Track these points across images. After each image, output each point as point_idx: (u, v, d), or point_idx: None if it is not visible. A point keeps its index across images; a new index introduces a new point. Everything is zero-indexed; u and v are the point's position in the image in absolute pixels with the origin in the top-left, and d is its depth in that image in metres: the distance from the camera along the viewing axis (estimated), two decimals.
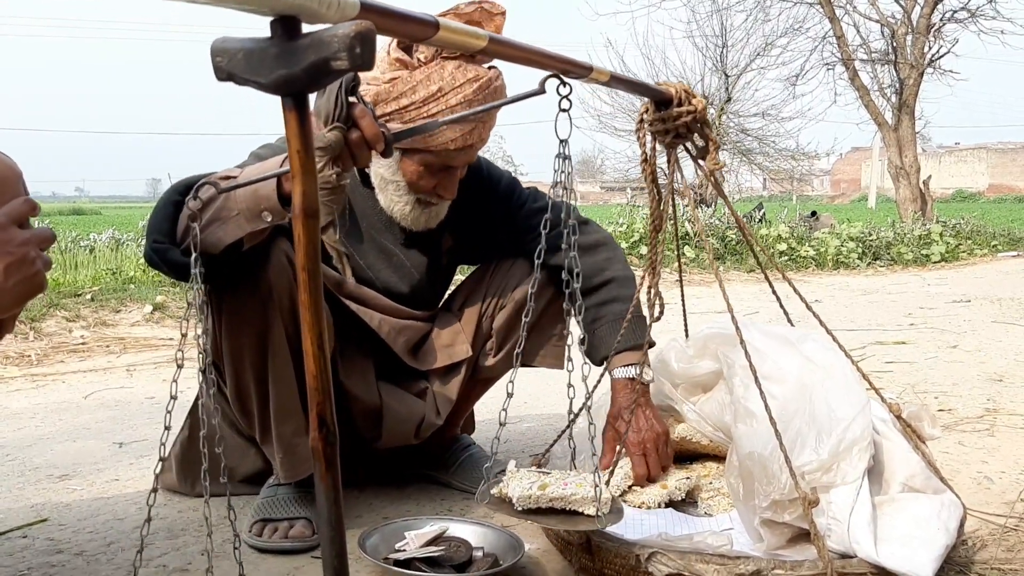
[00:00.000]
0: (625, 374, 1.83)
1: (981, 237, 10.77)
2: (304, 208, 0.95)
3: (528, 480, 1.41)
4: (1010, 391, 3.12)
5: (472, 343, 2.02)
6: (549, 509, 1.40)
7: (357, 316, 1.87)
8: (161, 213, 1.56)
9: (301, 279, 0.96)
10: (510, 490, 1.41)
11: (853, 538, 1.47)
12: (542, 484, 1.40)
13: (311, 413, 0.99)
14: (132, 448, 2.43)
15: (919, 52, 12.34)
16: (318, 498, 1.00)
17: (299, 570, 1.64)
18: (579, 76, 1.31)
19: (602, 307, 1.91)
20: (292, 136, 0.93)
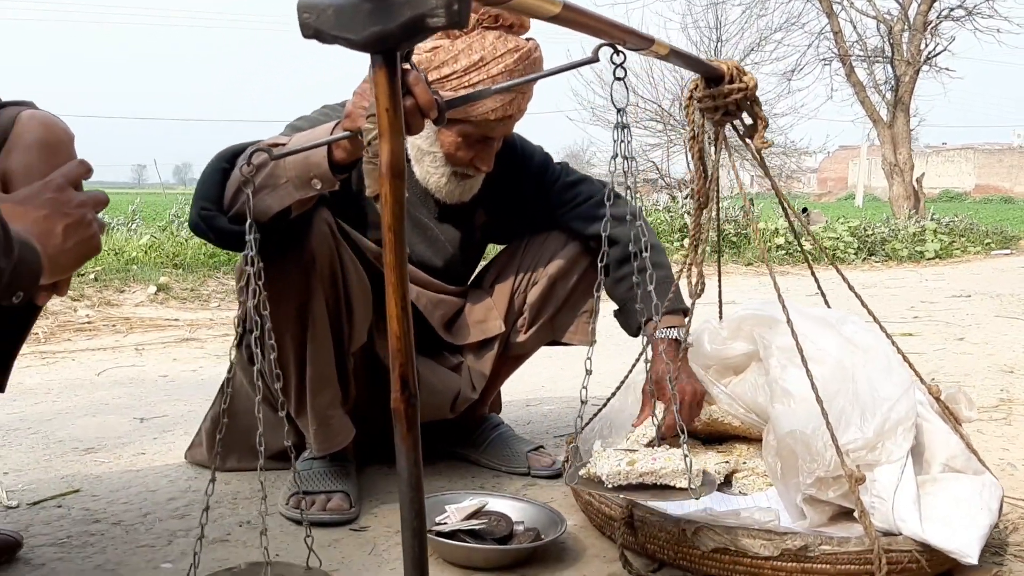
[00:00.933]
0: (668, 335, 1.82)
1: (974, 235, 10.84)
2: (392, 167, 0.94)
3: (616, 458, 1.41)
4: (1023, 382, 3.14)
5: (504, 319, 2.01)
6: (640, 485, 1.39)
7: None
8: (209, 180, 1.55)
9: (387, 239, 0.96)
10: (598, 468, 1.41)
11: (898, 516, 1.48)
12: (631, 460, 1.40)
13: (393, 374, 0.99)
14: (153, 423, 2.41)
15: (915, 49, 12.39)
16: (399, 459, 1.00)
17: (339, 542, 1.63)
18: (639, 48, 1.30)
19: (640, 273, 1.89)
20: (382, 94, 0.93)
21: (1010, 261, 9.33)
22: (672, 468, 1.38)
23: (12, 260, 1.05)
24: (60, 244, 1.16)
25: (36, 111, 1.31)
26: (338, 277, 1.70)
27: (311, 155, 1.43)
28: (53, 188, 1.18)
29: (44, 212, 1.16)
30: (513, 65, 1.70)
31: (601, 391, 2.85)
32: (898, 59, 12.40)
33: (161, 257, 5.53)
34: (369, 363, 1.88)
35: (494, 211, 2.03)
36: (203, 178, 1.57)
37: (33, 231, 1.13)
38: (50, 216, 1.16)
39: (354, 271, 1.74)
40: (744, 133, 1.60)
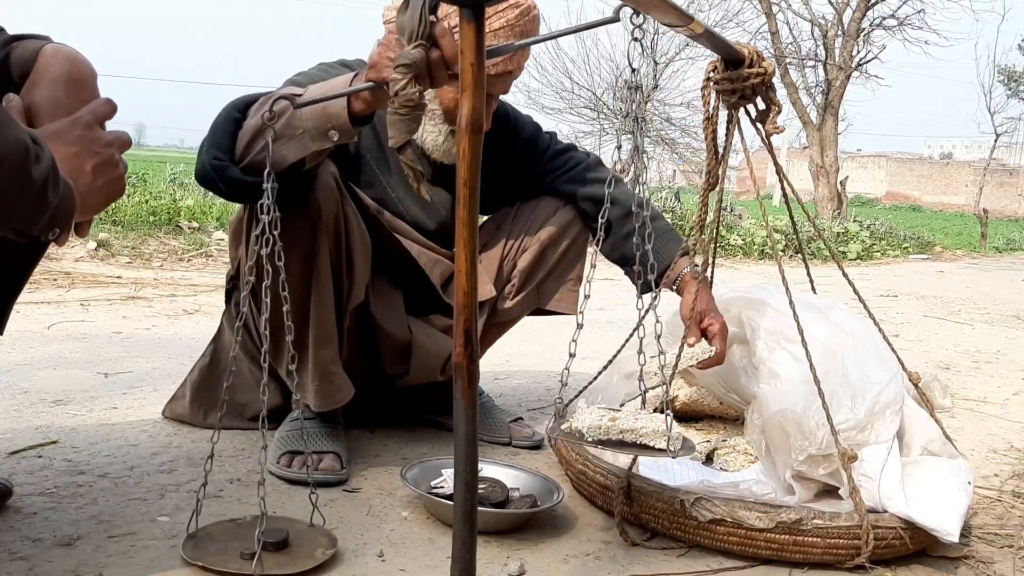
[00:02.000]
0: (694, 271, 1.86)
1: (893, 239, 11.23)
2: (472, 123, 0.95)
3: (598, 415, 1.44)
4: (959, 378, 3.29)
5: (494, 284, 2.02)
6: (619, 442, 1.42)
7: (388, 247, 1.85)
8: (220, 129, 1.52)
9: (462, 194, 0.96)
10: (580, 423, 1.43)
11: (884, 494, 1.55)
12: (612, 417, 1.42)
13: (457, 329, 0.99)
14: (119, 379, 2.35)
15: (848, 55, 12.75)
16: (456, 413, 1.00)
17: (334, 502, 1.62)
18: (675, 25, 1.33)
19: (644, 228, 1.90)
20: (468, 48, 0.93)
21: (928, 265, 9.71)
22: (652, 428, 1.41)
23: (59, 194, 1.03)
24: (90, 183, 1.13)
25: (60, 45, 1.27)
26: (342, 232, 1.69)
27: (329, 106, 1.41)
28: (82, 125, 1.14)
29: (74, 149, 1.13)
30: (515, 20, 1.71)
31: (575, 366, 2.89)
32: (831, 63, 12.74)
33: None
34: (361, 322, 1.86)
35: (485, 180, 2.02)
36: (214, 127, 1.53)
37: (64, 168, 1.09)
38: (80, 154, 1.13)
39: (357, 227, 1.72)
40: (756, 117, 1.64)
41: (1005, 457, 2.34)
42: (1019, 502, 1.95)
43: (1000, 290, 7.09)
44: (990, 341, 4.26)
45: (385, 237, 1.83)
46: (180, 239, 5.17)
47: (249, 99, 1.56)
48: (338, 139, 1.44)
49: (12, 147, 0.91)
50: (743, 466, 1.85)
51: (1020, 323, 5.08)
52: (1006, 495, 2.00)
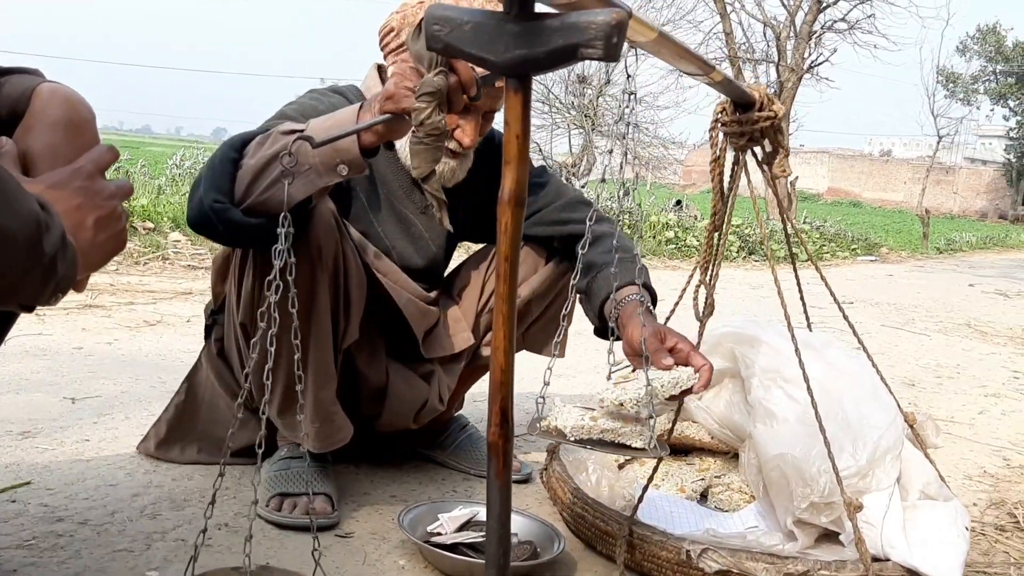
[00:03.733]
0: (640, 299, 1.69)
1: (842, 240, 11.43)
2: (515, 196, 0.91)
3: (578, 413, 1.41)
4: (924, 396, 3.33)
5: (472, 330, 1.98)
6: (599, 440, 1.39)
7: (375, 290, 1.79)
8: (219, 171, 1.45)
9: (502, 269, 0.92)
10: (560, 421, 1.40)
11: (886, 542, 1.54)
12: (593, 416, 1.40)
13: (492, 408, 0.96)
14: (87, 404, 2.26)
15: (799, 57, 12.90)
16: (490, 494, 0.97)
17: (328, 549, 1.57)
18: (695, 75, 1.30)
19: (605, 255, 1.84)
20: (513, 120, 0.89)
21: (877, 268, 9.89)
22: (631, 428, 1.38)
23: (67, 262, 0.96)
24: (91, 239, 1.06)
25: (56, 85, 1.19)
26: (340, 270, 1.63)
27: (339, 140, 1.36)
28: (84, 176, 1.07)
29: (76, 202, 1.05)
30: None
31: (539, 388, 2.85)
32: (783, 65, 12.88)
33: None
34: (345, 359, 1.81)
35: (473, 207, 1.97)
36: (211, 169, 1.46)
37: (66, 224, 1.03)
38: (82, 207, 1.06)
39: (354, 265, 1.67)
40: (763, 159, 1.61)
41: (980, 484, 2.37)
42: (1002, 536, 1.97)
43: (949, 296, 7.25)
44: (948, 354, 4.33)
45: (373, 281, 1.78)
46: (135, 240, 5.02)
47: (246, 137, 1.50)
48: (347, 173, 1.38)
49: (24, 223, 0.84)
50: (739, 505, 1.84)
51: (972, 332, 5.19)
52: (988, 528, 2.02)
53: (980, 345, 4.70)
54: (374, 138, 1.35)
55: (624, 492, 1.78)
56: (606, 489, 1.77)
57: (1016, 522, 2.06)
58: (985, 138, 47.98)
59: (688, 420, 2.00)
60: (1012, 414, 3.16)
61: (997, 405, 3.29)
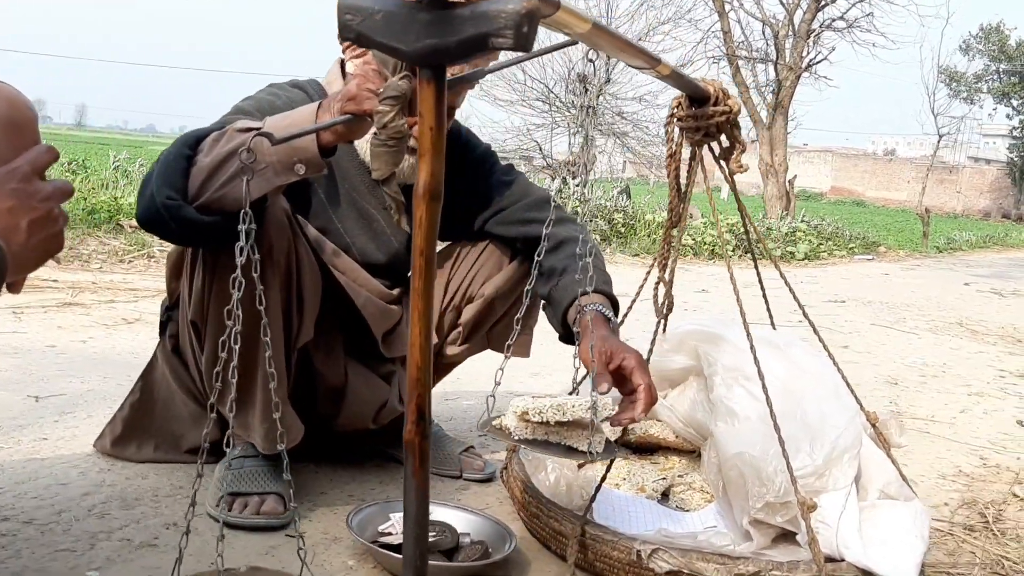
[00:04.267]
0: (599, 308, 1.70)
1: (840, 239, 11.38)
2: (430, 190, 0.89)
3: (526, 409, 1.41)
4: (907, 395, 3.31)
5: (437, 330, 1.96)
6: (544, 442, 1.40)
7: (334, 288, 1.77)
8: (172, 168, 1.43)
9: (417, 263, 0.90)
10: (508, 420, 1.41)
11: (842, 543, 1.52)
12: (539, 414, 1.39)
13: (409, 405, 0.93)
14: (51, 403, 2.24)
15: (798, 56, 12.87)
16: (406, 495, 0.95)
17: (277, 549, 1.55)
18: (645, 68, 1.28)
19: (567, 260, 1.82)
20: (427, 111, 0.87)
21: (873, 267, 9.85)
22: (577, 432, 1.38)
23: None
24: (24, 241, 1.04)
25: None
26: (293, 270, 1.62)
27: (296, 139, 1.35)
28: (19, 177, 1.05)
29: (9, 204, 1.03)
30: None
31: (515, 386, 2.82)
32: (781, 63, 12.84)
33: None
34: (301, 358, 1.79)
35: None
36: (164, 165, 1.44)
37: None
38: (15, 209, 1.04)
39: (308, 265, 1.65)
40: (720, 155, 1.60)
41: (954, 483, 2.34)
42: (970, 536, 1.95)
43: (944, 295, 7.21)
44: (936, 352, 4.30)
45: (331, 278, 1.76)
46: (121, 239, 5.00)
47: (200, 134, 1.48)
48: (305, 172, 1.37)
49: None
50: (700, 505, 1.82)
51: (963, 331, 5.15)
52: (957, 527, 2.00)
53: (969, 344, 4.66)
54: (333, 138, 1.34)
55: (583, 491, 1.75)
56: (564, 488, 1.75)
57: (986, 522, 2.04)
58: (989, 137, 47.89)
59: (653, 419, 1.98)
60: (994, 413, 3.14)
61: (980, 404, 3.26)
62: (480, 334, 1.98)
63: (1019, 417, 3.09)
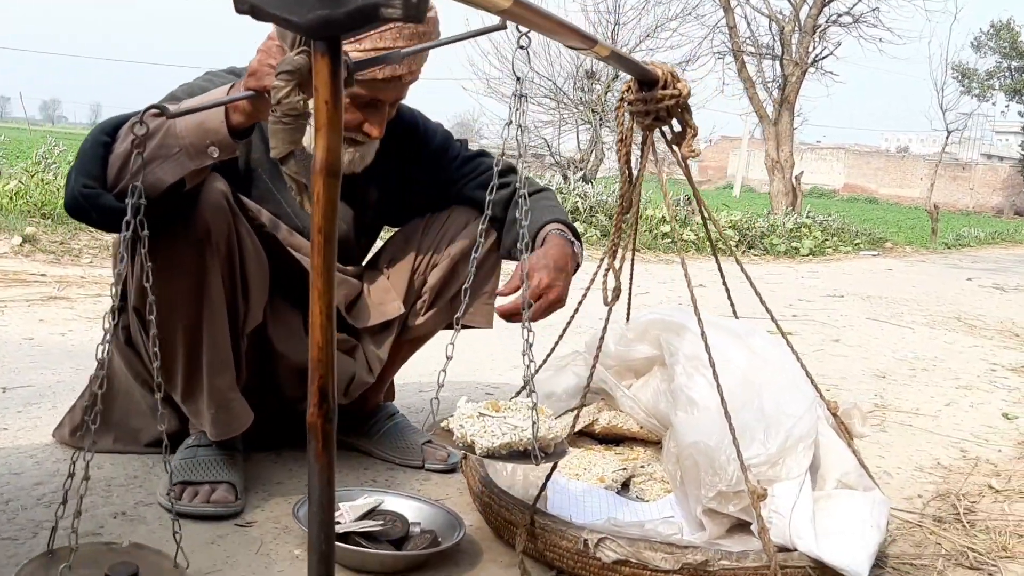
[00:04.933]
0: (563, 235, 1.77)
1: (845, 235, 11.32)
2: (327, 165, 0.87)
3: (472, 413, 1.39)
4: (894, 388, 3.27)
5: (403, 300, 1.94)
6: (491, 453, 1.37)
7: (287, 265, 1.75)
8: (89, 155, 1.42)
9: (316, 241, 0.88)
10: (453, 423, 1.39)
11: (794, 532, 1.50)
12: (483, 419, 1.37)
13: (311, 387, 0.91)
14: (18, 394, 2.24)
15: (804, 51, 12.79)
16: (311, 478, 0.93)
17: (224, 538, 1.54)
18: (582, 48, 1.26)
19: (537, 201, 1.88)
20: (322, 85, 0.85)
21: (878, 262, 9.78)
22: (519, 438, 1.34)
23: None
24: None
25: None
26: (235, 252, 1.60)
27: (207, 120, 1.33)
28: None
29: None
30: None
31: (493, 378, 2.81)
32: (787, 59, 12.77)
33: (28, 205, 5.16)
34: (257, 344, 1.78)
35: (390, 190, 1.94)
36: (82, 153, 1.43)
37: None
38: None
39: (251, 246, 1.63)
40: (672, 140, 1.57)
41: (931, 475, 2.31)
42: (939, 528, 1.92)
43: (945, 290, 7.15)
44: (929, 346, 4.26)
45: (283, 255, 1.74)
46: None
47: (118, 121, 1.47)
48: (219, 155, 1.35)
49: None
50: (659, 495, 1.80)
51: (960, 325, 5.11)
52: (927, 519, 1.97)
53: (964, 338, 4.62)
54: (243, 118, 1.32)
55: (539, 482, 1.74)
56: (520, 478, 1.74)
57: (957, 514, 2.01)
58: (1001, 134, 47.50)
59: (616, 410, 1.96)
60: (980, 406, 3.10)
61: (967, 397, 3.23)
62: (443, 301, 1.95)
63: (1005, 410, 3.05)
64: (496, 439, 1.34)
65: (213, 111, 1.30)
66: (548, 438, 1.35)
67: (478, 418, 1.40)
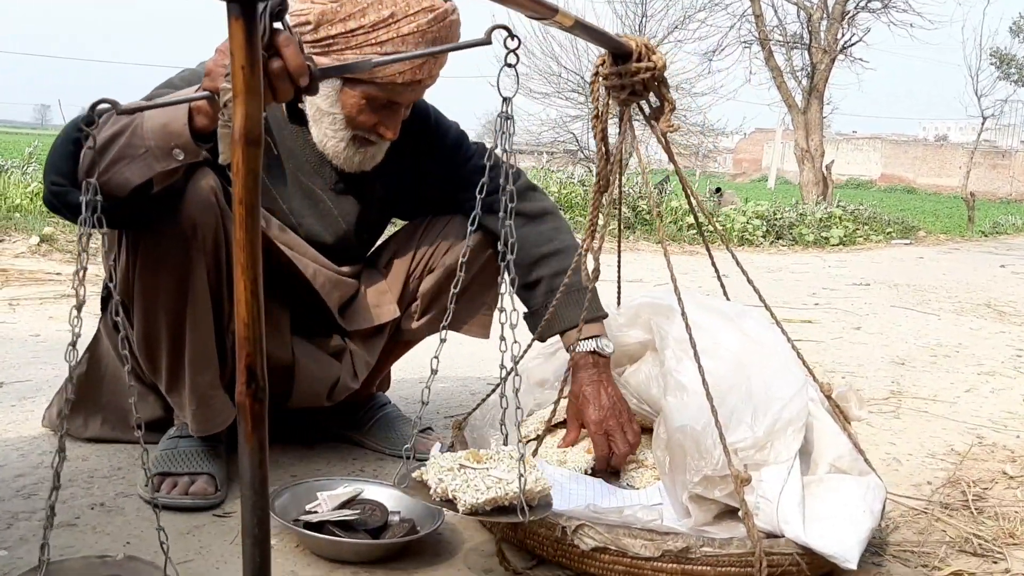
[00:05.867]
0: (588, 347, 1.75)
1: (877, 224, 11.13)
2: (246, 133, 0.84)
3: (450, 465, 1.32)
4: (912, 375, 3.19)
5: (398, 303, 1.91)
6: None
7: (277, 262, 1.74)
8: (59, 152, 1.40)
9: (238, 213, 0.85)
10: (428, 474, 1.32)
11: (782, 518, 1.45)
12: (463, 469, 1.31)
13: (239, 364, 0.89)
14: (13, 388, 2.24)
15: (832, 38, 12.60)
16: (241, 460, 0.90)
17: (200, 529, 1.52)
18: (542, 18, 1.21)
19: (555, 278, 1.80)
20: (237, 49, 0.82)
21: (909, 251, 9.61)
22: (503, 492, 1.27)
23: None
24: None
25: None
26: (221, 249, 1.57)
27: (171, 122, 1.29)
28: None
29: None
30: (427, 25, 1.57)
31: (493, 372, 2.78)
32: (815, 47, 12.59)
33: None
34: None
35: (397, 186, 1.90)
36: (53, 150, 1.42)
37: None
38: None
39: None
40: (650, 115, 1.52)
41: (942, 462, 2.24)
42: (945, 514, 1.86)
43: (976, 277, 7.00)
44: (953, 333, 4.16)
45: (272, 251, 1.72)
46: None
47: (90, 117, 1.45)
48: (184, 158, 1.31)
49: None
50: (649, 482, 1.75)
51: (989, 311, 4.99)
52: (934, 506, 1.91)
53: (992, 324, 4.50)
54: (206, 121, 1.27)
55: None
56: None
57: (965, 501, 1.94)
58: None
59: None
60: (1001, 392, 3.01)
61: (988, 383, 3.13)
62: (439, 307, 1.92)
63: None
64: (481, 494, 1.26)
65: (177, 113, 1.27)
66: (535, 491, 1.29)
67: (459, 470, 1.31)
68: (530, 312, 1.86)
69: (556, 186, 8.96)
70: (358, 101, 1.64)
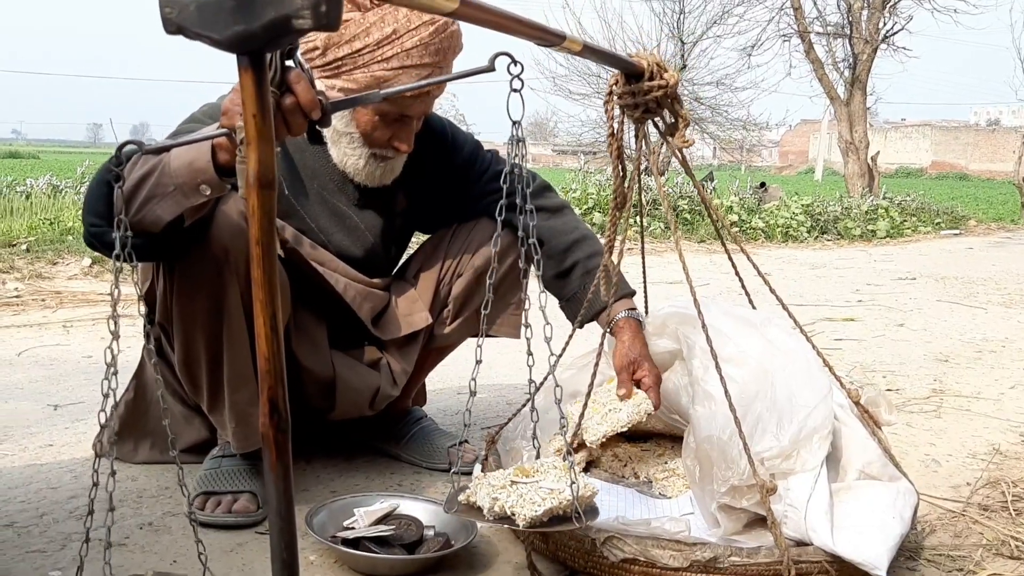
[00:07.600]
0: (625, 315, 1.82)
1: (925, 214, 10.95)
2: (259, 178, 0.88)
3: (501, 481, 1.36)
4: (955, 372, 3.16)
5: (430, 310, 1.96)
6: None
7: (310, 279, 1.80)
8: (94, 194, 1.48)
9: (255, 253, 0.90)
10: (478, 496, 1.36)
11: (810, 526, 1.46)
12: (514, 487, 1.35)
13: (262, 397, 0.93)
14: (68, 411, 2.33)
15: (873, 27, 12.42)
16: (268, 488, 0.95)
17: (243, 546, 1.58)
18: (550, 45, 1.24)
19: (590, 260, 1.90)
20: (248, 99, 0.86)
21: (958, 242, 9.44)
22: (555, 503, 1.31)
23: None
24: None
25: None
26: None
27: (195, 160, 1.35)
28: None
29: None
30: (429, 38, 1.64)
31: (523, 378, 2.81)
32: (856, 37, 12.42)
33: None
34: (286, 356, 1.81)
35: (418, 198, 1.96)
36: (88, 193, 1.50)
37: None
38: None
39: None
40: (665, 131, 1.55)
41: (983, 462, 2.22)
42: (983, 516, 1.85)
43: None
44: (1000, 327, 4.10)
45: (307, 270, 1.78)
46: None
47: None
48: (211, 193, 1.37)
49: None
50: (681, 491, 1.77)
51: None
52: (972, 508, 1.90)
53: None
54: (227, 156, 1.32)
55: None
56: None
57: (1005, 503, 1.93)
58: None
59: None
60: None
61: None
62: (470, 311, 1.96)
63: None
64: (538, 507, 1.30)
65: (201, 150, 1.32)
66: (585, 497, 1.33)
67: (511, 486, 1.35)
68: (567, 300, 1.91)
69: (594, 188, 8.94)
70: (371, 118, 1.71)
